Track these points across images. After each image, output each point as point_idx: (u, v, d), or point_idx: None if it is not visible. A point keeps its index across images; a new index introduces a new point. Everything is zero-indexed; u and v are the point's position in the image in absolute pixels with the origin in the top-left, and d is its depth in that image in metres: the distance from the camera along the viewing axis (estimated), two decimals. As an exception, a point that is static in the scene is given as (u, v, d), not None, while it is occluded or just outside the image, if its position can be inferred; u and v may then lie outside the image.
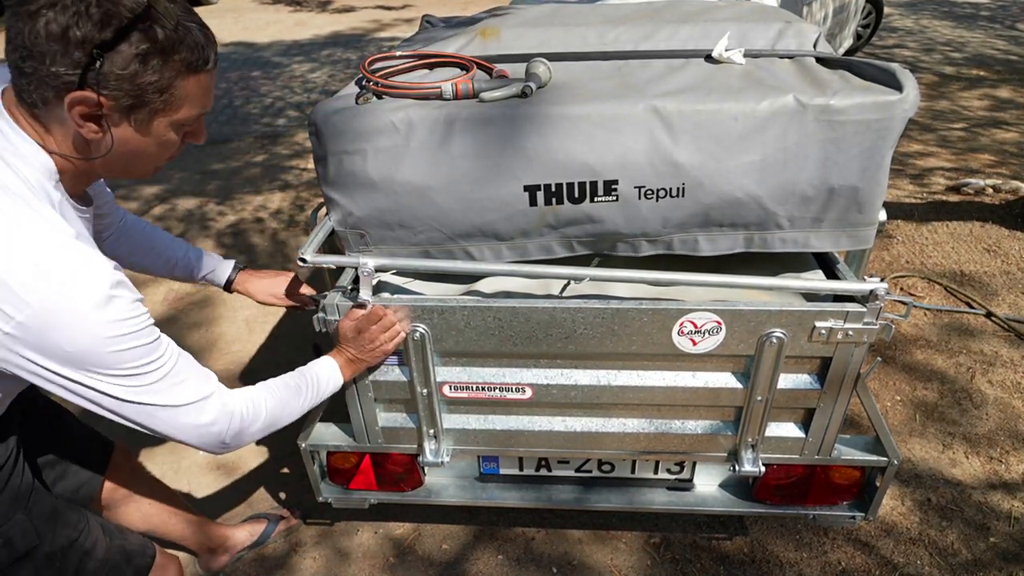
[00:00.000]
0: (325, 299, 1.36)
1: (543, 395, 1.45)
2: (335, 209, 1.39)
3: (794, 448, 1.52)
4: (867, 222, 1.36)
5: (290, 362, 2.79)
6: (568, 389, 1.44)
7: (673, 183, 1.29)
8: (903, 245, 3.49)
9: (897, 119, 1.25)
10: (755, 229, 1.36)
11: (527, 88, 1.33)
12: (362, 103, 1.36)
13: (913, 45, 7.45)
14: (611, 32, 1.59)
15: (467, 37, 1.61)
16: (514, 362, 1.44)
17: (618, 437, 1.51)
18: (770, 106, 1.27)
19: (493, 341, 1.37)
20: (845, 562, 1.92)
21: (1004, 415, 2.41)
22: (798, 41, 1.57)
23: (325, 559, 1.98)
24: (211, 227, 3.96)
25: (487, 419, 1.54)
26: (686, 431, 1.50)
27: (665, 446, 1.52)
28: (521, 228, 1.36)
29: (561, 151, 1.28)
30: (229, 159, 4.96)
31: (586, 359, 1.41)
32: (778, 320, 1.29)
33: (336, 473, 1.70)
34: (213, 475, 2.28)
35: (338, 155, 1.34)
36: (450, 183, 1.32)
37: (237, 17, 10.18)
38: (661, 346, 1.35)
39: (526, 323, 1.34)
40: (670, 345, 1.34)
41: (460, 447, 1.58)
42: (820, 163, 1.28)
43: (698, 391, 1.42)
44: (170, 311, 3.18)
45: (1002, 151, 4.56)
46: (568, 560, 1.94)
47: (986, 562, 1.91)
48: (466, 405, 1.51)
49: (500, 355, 1.42)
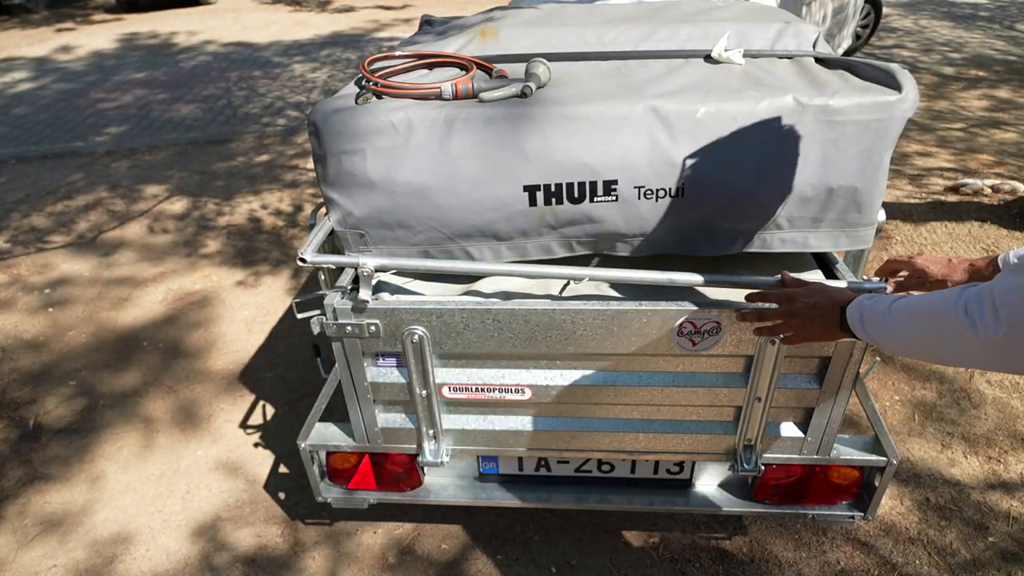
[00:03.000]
0: (324, 300, 1.36)
1: (542, 395, 1.45)
2: (335, 209, 1.39)
3: (793, 448, 1.52)
4: (866, 222, 1.36)
5: (290, 362, 2.80)
6: (567, 389, 1.44)
7: (672, 183, 1.30)
8: (902, 245, 3.49)
9: (896, 119, 1.25)
10: (754, 229, 1.37)
11: (526, 88, 1.33)
12: (362, 103, 1.36)
13: (912, 45, 7.46)
14: (610, 32, 1.59)
15: (466, 37, 1.61)
16: (513, 363, 1.44)
17: (618, 437, 1.51)
18: (769, 106, 1.27)
19: (492, 343, 1.37)
20: (844, 562, 1.93)
21: (1003, 415, 2.41)
22: (797, 41, 1.57)
23: (325, 559, 1.99)
24: (211, 227, 3.96)
25: (486, 419, 1.54)
26: (686, 431, 1.50)
27: (665, 446, 1.52)
28: (521, 228, 1.36)
29: (560, 151, 1.28)
30: (229, 159, 4.96)
31: (586, 360, 1.41)
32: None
33: (336, 473, 1.70)
34: (212, 475, 2.28)
35: (337, 155, 1.34)
36: (449, 183, 1.31)
37: (237, 17, 10.18)
38: (661, 346, 1.35)
39: (525, 325, 1.34)
40: (670, 346, 1.34)
41: (459, 447, 1.58)
42: (819, 163, 1.28)
43: (697, 391, 1.42)
44: (169, 311, 3.18)
45: (1001, 151, 4.56)
46: (567, 560, 1.94)
47: (985, 561, 1.91)
48: (465, 406, 1.51)
49: (499, 356, 1.42)
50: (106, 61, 7.90)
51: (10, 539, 2.09)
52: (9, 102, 6.52)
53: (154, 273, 3.51)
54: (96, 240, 3.87)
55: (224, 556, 2.01)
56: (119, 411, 2.58)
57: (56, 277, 3.50)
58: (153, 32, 9.38)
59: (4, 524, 2.13)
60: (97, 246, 3.80)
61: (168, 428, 2.50)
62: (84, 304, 3.27)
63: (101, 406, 2.61)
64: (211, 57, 7.89)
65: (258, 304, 3.22)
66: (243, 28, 9.33)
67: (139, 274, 3.51)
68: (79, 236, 3.92)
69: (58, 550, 2.05)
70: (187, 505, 2.18)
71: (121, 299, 3.30)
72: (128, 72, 7.39)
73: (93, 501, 2.21)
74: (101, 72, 7.42)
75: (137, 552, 2.03)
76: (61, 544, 2.07)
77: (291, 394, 2.63)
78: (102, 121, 5.87)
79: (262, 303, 3.23)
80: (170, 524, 2.12)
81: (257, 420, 2.53)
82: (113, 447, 2.42)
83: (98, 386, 2.72)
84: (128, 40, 8.95)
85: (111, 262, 3.63)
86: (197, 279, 3.44)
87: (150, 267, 3.56)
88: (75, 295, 3.34)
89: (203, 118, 5.85)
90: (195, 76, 7.14)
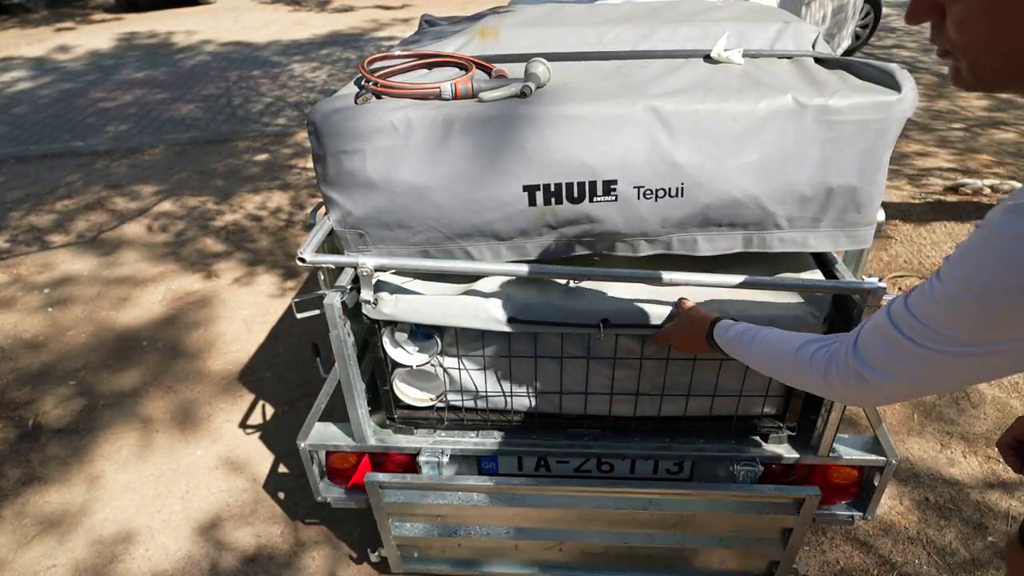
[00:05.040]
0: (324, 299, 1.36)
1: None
2: (334, 209, 1.39)
3: (793, 447, 1.52)
4: (865, 222, 1.36)
5: (289, 362, 2.80)
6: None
7: (672, 183, 1.29)
8: (901, 245, 3.49)
9: (895, 119, 1.25)
10: (754, 229, 1.36)
11: (526, 88, 1.33)
12: (361, 103, 1.36)
13: (912, 45, 7.46)
14: (610, 32, 1.59)
15: (466, 37, 1.61)
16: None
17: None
18: (769, 106, 1.27)
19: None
20: (843, 561, 1.93)
21: (1002, 414, 2.41)
22: (797, 41, 1.57)
23: (325, 559, 1.99)
24: (210, 226, 3.96)
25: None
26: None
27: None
28: (520, 228, 1.36)
29: (560, 151, 1.28)
30: (229, 158, 4.96)
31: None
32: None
33: (335, 473, 1.69)
34: (212, 475, 2.28)
35: (337, 155, 1.34)
36: (449, 183, 1.31)
37: (236, 17, 10.18)
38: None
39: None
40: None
41: (459, 447, 1.58)
42: (818, 163, 1.28)
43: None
44: (168, 311, 3.18)
45: (1000, 151, 4.56)
46: (567, 559, 1.94)
47: (984, 561, 1.91)
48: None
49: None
50: (105, 61, 7.90)
51: (9, 539, 2.09)
52: (8, 102, 6.52)
53: (154, 273, 3.51)
54: (96, 240, 3.87)
55: (224, 556, 2.01)
56: (118, 411, 2.58)
57: (56, 277, 3.50)
58: (152, 32, 9.37)
59: (3, 524, 2.13)
60: (97, 246, 3.80)
61: (167, 428, 2.50)
62: (84, 304, 3.27)
63: (100, 406, 2.61)
64: (210, 57, 7.89)
65: (258, 304, 3.22)
66: (242, 28, 9.33)
67: (139, 274, 3.51)
68: (79, 236, 3.92)
69: (57, 550, 2.05)
70: (187, 505, 2.18)
71: (121, 299, 3.30)
72: (127, 72, 7.39)
73: (92, 501, 2.21)
74: (100, 72, 7.42)
75: (137, 552, 2.03)
76: (61, 544, 2.07)
77: (291, 394, 2.63)
78: (102, 121, 5.87)
79: (262, 303, 3.23)
80: (170, 524, 2.12)
81: (257, 420, 2.53)
82: (112, 447, 2.42)
83: (97, 386, 2.72)
84: (127, 40, 8.95)
85: (111, 262, 3.63)
86: (197, 279, 3.44)
87: (150, 267, 3.56)
88: (75, 295, 3.34)
89: (202, 118, 5.85)
90: (194, 76, 7.14)
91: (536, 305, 1.37)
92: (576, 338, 1.42)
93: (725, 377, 1.44)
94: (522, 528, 1.65)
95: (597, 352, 1.43)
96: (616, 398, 1.49)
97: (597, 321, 1.35)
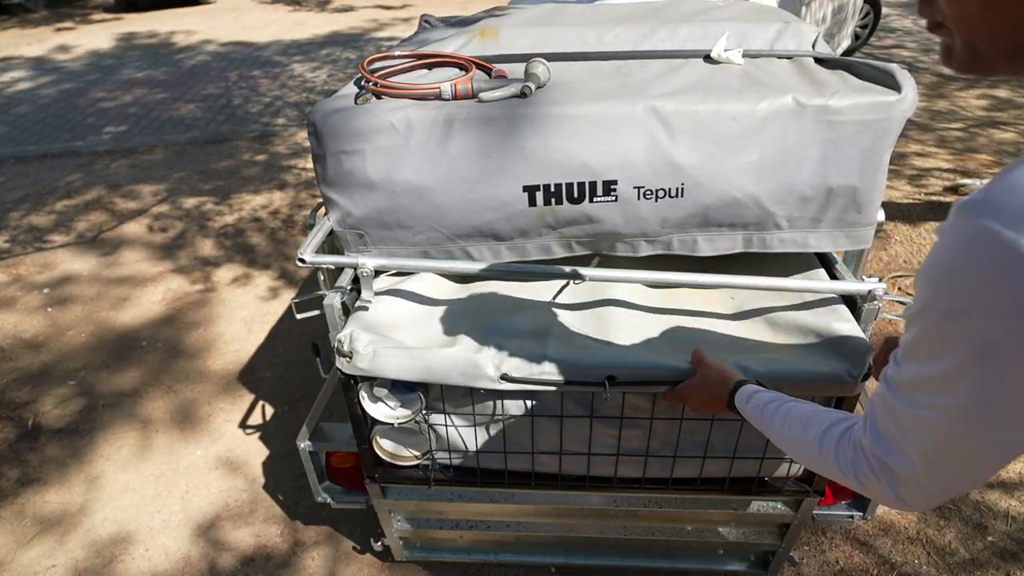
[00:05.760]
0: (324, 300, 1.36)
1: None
2: (334, 209, 1.39)
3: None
4: (865, 222, 1.36)
5: (289, 362, 2.80)
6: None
7: (672, 183, 1.29)
8: (901, 245, 3.49)
9: (895, 119, 1.25)
10: (754, 229, 1.36)
11: (526, 88, 1.33)
12: (361, 103, 1.36)
13: (912, 45, 7.46)
14: (610, 32, 1.59)
15: (466, 37, 1.61)
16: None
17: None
18: (769, 106, 1.27)
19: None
20: (843, 561, 1.93)
21: (1002, 415, 2.41)
22: (797, 41, 1.57)
23: (325, 559, 1.99)
24: (210, 226, 3.95)
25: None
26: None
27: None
28: (520, 228, 1.36)
29: (560, 151, 1.28)
30: (228, 158, 4.96)
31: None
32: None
33: (335, 473, 1.69)
34: (211, 475, 2.28)
35: (337, 155, 1.34)
36: (449, 183, 1.31)
37: (236, 17, 10.17)
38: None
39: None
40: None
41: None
42: (818, 163, 1.28)
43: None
44: (168, 311, 3.18)
45: (1000, 151, 4.56)
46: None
47: (983, 561, 1.91)
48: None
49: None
50: (105, 60, 7.89)
51: (9, 539, 2.08)
52: (8, 101, 6.51)
53: (153, 273, 3.51)
54: (96, 240, 3.87)
55: (223, 556, 2.01)
56: (118, 411, 2.58)
57: (55, 277, 3.50)
58: (152, 32, 9.37)
59: (2, 524, 2.13)
60: (96, 246, 3.80)
61: (167, 428, 2.49)
62: (83, 304, 3.27)
63: (100, 406, 2.61)
64: (210, 57, 7.89)
65: (257, 304, 3.22)
66: (242, 28, 9.33)
67: (138, 274, 3.50)
68: (78, 236, 3.92)
69: (57, 550, 2.05)
70: (186, 505, 2.18)
71: (120, 299, 3.30)
72: (127, 72, 7.38)
73: (92, 501, 2.21)
74: (100, 71, 7.42)
75: (136, 552, 2.03)
76: (60, 544, 2.07)
77: (291, 394, 2.63)
78: (101, 121, 5.87)
79: (261, 303, 3.22)
80: (169, 524, 2.12)
81: (256, 420, 2.52)
82: (112, 447, 2.42)
83: (97, 386, 2.71)
84: (127, 40, 8.95)
85: (110, 262, 3.63)
86: (196, 279, 3.44)
87: (149, 267, 3.56)
88: (74, 295, 3.34)
89: (202, 118, 5.85)
90: (194, 75, 7.14)
91: (532, 359, 1.23)
92: (578, 395, 1.29)
93: (747, 436, 1.32)
94: (523, 522, 1.66)
95: (601, 411, 1.30)
96: (623, 459, 1.39)
97: (602, 378, 1.19)
